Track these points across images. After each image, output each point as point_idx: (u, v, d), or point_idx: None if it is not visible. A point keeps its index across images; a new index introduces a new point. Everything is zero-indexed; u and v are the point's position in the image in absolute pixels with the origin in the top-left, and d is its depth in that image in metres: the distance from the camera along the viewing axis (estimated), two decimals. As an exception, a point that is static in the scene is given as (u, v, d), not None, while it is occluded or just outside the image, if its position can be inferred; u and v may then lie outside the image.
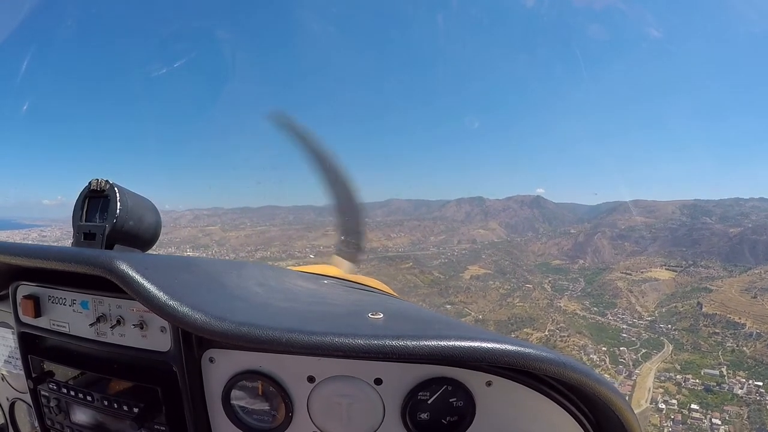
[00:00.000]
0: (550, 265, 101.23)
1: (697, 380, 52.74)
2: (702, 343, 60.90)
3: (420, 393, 1.05)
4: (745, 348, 57.39)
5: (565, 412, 1.07)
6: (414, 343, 0.87)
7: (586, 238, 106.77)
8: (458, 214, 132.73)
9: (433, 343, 0.88)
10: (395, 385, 1.07)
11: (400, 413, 1.07)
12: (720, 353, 58.10)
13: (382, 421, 1.09)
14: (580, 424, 1.09)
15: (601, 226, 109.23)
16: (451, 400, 1.07)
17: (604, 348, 61.22)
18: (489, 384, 1.05)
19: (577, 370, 0.93)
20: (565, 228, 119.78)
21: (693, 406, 48.26)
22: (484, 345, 0.88)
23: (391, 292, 2.25)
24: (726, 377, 52.54)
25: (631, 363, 57.42)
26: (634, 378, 53.12)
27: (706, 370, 54.61)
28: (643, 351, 60.83)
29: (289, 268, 2.10)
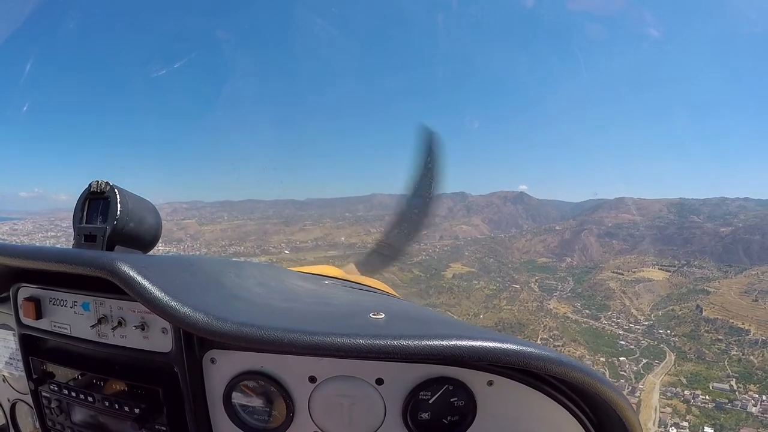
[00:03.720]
0: (536, 263, 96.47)
1: (707, 396, 48.01)
2: (706, 351, 56.38)
3: (421, 393, 1.05)
4: (752, 357, 53.06)
5: (567, 411, 1.07)
6: (415, 342, 0.88)
7: (573, 236, 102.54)
8: (440, 209, 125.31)
9: (435, 342, 0.88)
10: (396, 385, 1.06)
11: (401, 413, 1.07)
12: (726, 363, 53.69)
13: (383, 421, 1.08)
14: (581, 424, 1.09)
15: (587, 223, 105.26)
16: (452, 400, 1.06)
17: (602, 359, 56.07)
18: (490, 383, 1.05)
19: (578, 369, 0.93)
20: (549, 225, 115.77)
21: (707, 429, 43.41)
22: (485, 344, 0.89)
23: (392, 292, 2.24)
24: (737, 392, 48.06)
25: (632, 376, 52.24)
26: (638, 395, 47.83)
27: (715, 384, 50.08)
28: (644, 361, 56.02)
29: (290, 268, 2.08)
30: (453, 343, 0.88)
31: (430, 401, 1.06)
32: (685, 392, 49.07)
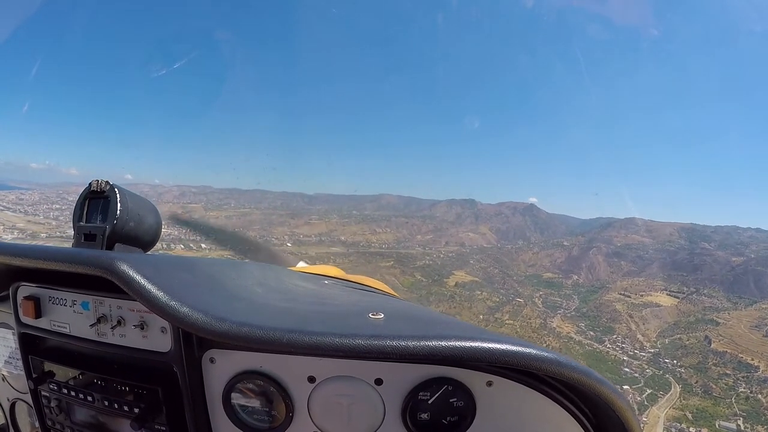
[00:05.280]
0: (541, 277, 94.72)
1: (713, 436, 45.98)
2: (713, 386, 54.34)
3: (420, 393, 1.06)
4: (760, 396, 51.02)
5: (566, 411, 1.08)
6: (414, 343, 0.88)
7: (581, 253, 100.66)
8: (448, 215, 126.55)
9: (434, 343, 0.88)
10: (396, 386, 1.07)
11: (400, 413, 1.08)
12: (733, 400, 51.70)
13: (383, 421, 1.09)
14: (580, 424, 1.09)
15: (596, 241, 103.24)
16: (451, 400, 1.07)
17: (605, 385, 53.91)
18: (489, 384, 1.06)
19: (577, 369, 0.93)
20: (557, 239, 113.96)
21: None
22: (485, 345, 0.89)
23: (392, 292, 2.26)
24: (744, 433, 45.88)
25: (636, 407, 50.07)
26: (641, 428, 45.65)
27: (722, 423, 48.11)
28: (649, 391, 54.10)
29: (290, 268, 2.15)
30: (452, 343, 0.88)
31: (430, 401, 1.06)
32: (691, 429, 47.27)
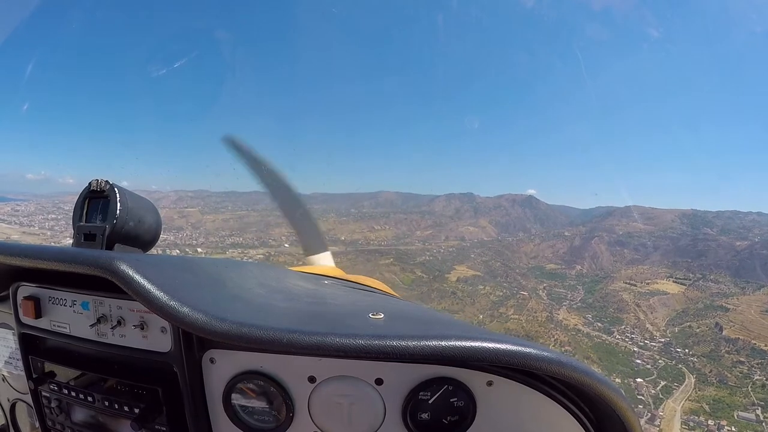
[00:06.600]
0: (544, 269, 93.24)
1: (733, 427, 44.60)
2: (727, 374, 52.96)
3: (421, 393, 1.06)
4: (776, 383, 49.29)
5: (566, 411, 1.07)
6: (415, 343, 0.88)
7: (583, 242, 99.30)
8: (447, 210, 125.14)
9: (434, 343, 0.88)
10: (396, 385, 1.07)
11: (400, 413, 1.08)
12: (750, 388, 50.34)
13: (383, 421, 1.09)
14: (581, 424, 1.09)
15: (598, 230, 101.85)
16: (452, 400, 1.07)
17: (618, 379, 52.35)
18: (490, 384, 1.05)
19: (578, 369, 0.93)
20: (558, 230, 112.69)
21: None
22: (485, 345, 0.89)
23: (392, 292, 2.28)
24: (764, 423, 44.66)
25: (651, 401, 48.85)
26: (657, 423, 44.30)
27: (740, 413, 46.69)
28: (663, 383, 52.61)
29: (290, 268, 2.16)
30: (452, 343, 0.88)
31: (430, 401, 1.06)
32: (709, 422, 45.76)
